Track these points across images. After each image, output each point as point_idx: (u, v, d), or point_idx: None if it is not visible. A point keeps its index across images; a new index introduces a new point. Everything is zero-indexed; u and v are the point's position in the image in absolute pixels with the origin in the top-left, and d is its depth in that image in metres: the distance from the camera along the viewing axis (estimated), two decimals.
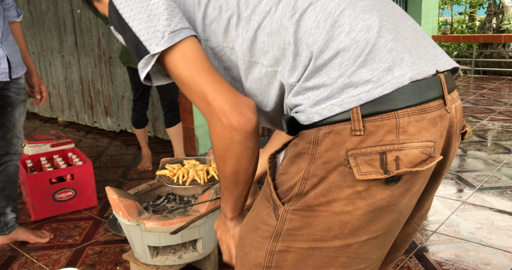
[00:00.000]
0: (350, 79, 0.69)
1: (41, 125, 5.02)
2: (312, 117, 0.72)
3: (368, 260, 0.79)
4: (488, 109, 4.88)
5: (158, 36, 0.74)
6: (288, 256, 0.78)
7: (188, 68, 0.75)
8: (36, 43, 5.18)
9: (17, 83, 2.05)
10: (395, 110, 0.68)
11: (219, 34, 0.82)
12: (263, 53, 0.78)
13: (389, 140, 0.69)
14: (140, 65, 0.77)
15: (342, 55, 0.70)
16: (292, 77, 0.75)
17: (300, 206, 0.75)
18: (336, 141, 0.70)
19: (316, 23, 0.72)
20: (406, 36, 0.74)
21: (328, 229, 0.74)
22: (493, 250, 2.06)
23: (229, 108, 0.74)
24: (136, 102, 3.18)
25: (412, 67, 0.70)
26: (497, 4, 8.09)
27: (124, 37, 0.79)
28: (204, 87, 0.75)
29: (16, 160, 2.18)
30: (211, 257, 1.90)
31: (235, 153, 0.77)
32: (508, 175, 2.99)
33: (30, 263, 2.09)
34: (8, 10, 2.08)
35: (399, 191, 0.72)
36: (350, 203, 0.72)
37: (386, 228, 0.76)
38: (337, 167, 0.71)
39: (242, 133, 0.75)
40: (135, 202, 1.69)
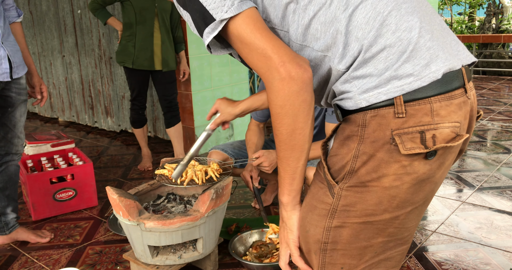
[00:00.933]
0: (396, 72, 0.81)
1: (42, 125, 5.02)
2: (360, 103, 0.83)
3: (410, 228, 0.91)
4: (487, 109, 4.89)
5: (226, 4, 0.82)
6: (344, 231, 0.87)
7: (250, 28, 0.82)
8: (37, 43, 5.19)
9: (18, 83, 2.05)
10: (429, 97, 0.81)
11: (276, 17, 0.90)
12: (315, 39, 0.87)
13: (426, 121, 0.81)
14: (207, 30, 0.84)
15: (388, 50, 0.82)
16: (341, 64, 0.85)
17: (354, 182, 0.84)
18: (382, 122, 0.81)
19: (366, 20, 0.83)
20: (438, 36, 0.86)
21: (378, 203, 0.84)
22: (493, 249, 2.06)
23: (288, 59, 0.80)
24: (133, 101, 3.18)
25: (445, 63, 0.83)
26: (497, 4, 8.09)
27: (190, 8, 0.86)
28: (265, 43, 0.81)
29: (16, 160, 2.18)
30: (211, 257, 1.91)
31: (292, 107, 0.82)
32: (507, 175, 2.99)
33: (31, 263, 2.09)
34: (8, 11, 2.08)
35: (436, 164, 0.84)
36: (398, 178, 0.82)
37: (425, 198, 0.88)
38: (383, 145, 0.81)
39: (300, 82, 0.80)
40: (135, 202, 1.70)
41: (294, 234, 0.97)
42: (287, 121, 0.84)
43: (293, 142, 0.86)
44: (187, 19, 0.90)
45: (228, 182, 1.85)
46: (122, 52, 3.06)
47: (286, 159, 0.89)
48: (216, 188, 1.76)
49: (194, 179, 1.77)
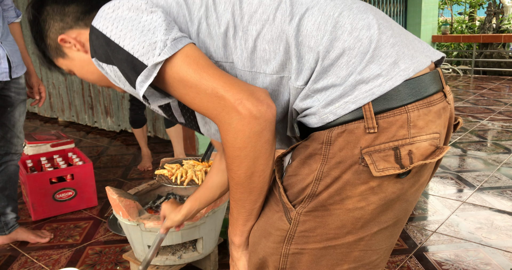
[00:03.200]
0: (361, 75, 0.72)
1: (41, 125, 5.02)
2: (326, 118, 0.73)
3: (379, 251, 0.81)
4: (488, 109, 4.88)
5: (157, 46, 0.72)
6: (303, 258, 0.79)
7: (193, 67, 0.72)
8: None
9: (17, 83, 2.05)
10: (405, 105, 0.71)
11: (217, 49, 0.81)
12: (265, 62, 0.78)
13: (401, 135, 0.71)
14: (140, 78, 0.73)
15: (348, 54, 0.73)
16: (298, 80, 0.76)
17: (313, 206, 0.76)
18: (350, 140, 0.72)
19: (316, 26, 0.74)
20: (399, 32, 0.78)
21: (341, 226, 0.76)
22: (493, 250, 2.06)
23: (245, 95, 0.70)
24: (132, 101, 3.18)
25: (412, 60, 0.74)
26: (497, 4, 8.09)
27: (115, 59, 0.76)
28: (213, 82, 0.71)
29: (16, 160, 2.18)
30: (211, 257, 1.91)
31: (253, 149, 0.72)
32: (508, 175, 2.99)
33: (30, 263, 2.09)
34: (7, 11, 2.08)
35: (408, 183, 0.75)
36: (363, 199, 0.74)
37: (395, 218, 0.79)
38: (351, 166, 0.72)
39: (263, 121, 0.70)
40: (135, 202, 1.70)
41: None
42: (247, 164, 0.74)
43: (252, 186, 0.77)
44: (113, 75, 0.79)
45: None
46: None
47: (242, 202, 0.80)
48: None
49: (194, 179, 1.77)
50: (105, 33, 0.76)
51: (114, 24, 0.75)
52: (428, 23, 6.94)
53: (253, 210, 0.82)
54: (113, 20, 0.76)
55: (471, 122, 4.39)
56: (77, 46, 0.89)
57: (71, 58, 0.92)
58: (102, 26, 0.76)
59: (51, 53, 0.95)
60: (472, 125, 4.28)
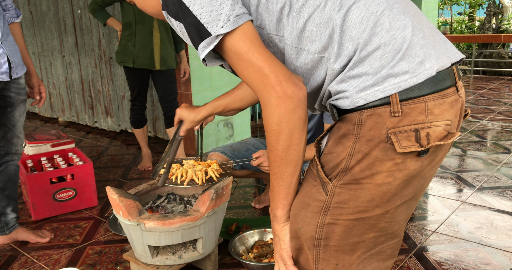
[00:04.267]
0: (393, 70, 0.83)
1: (42, 125, 5.02)
2: (357, 102, 0.84)
3: (400, 221, 0.93)
4: (487, 109, 4.89)
5: (222, 19, 0.82)
6: (336, 228, 0.89)
7: (247, 45, 0.83)
8: (37, 43, 5.19)
9: (17, 83, 2.05)
10: (423, 95, 0.83)
11: (271, 23, 0.90)
12: (310, 41, 0.88)
13: (421, 120, 0.83)
14: (203, 44, 0.84)
15: (383, 49, 0.83)
16: (336, 64, 0.86)
17: (347, 180, 0.86)
18: (378, 121, 0.83)
19: (360, 19, 0.84)
20: (428, 34, 0.88)
21: (371, 200, 0.86)
22: (493, 249, 2.06)
23: (284, 78, 0.82)
24: (133, 101, 3.18)
25: (437, 60, 0.85)
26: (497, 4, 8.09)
27: (184, 20, 0.85)
28: (262, 61, 0.82)
29: (16, 160, 2.18)
30: (211, 257, 1.91)
31: (288, 124, 0.83)
32: (507, 175, 2.99)
33: (31, 263, 2.09)
34: (7, 11, 2.08)
35: (427, 161, 0.86)
36: (390, 175, 0.84)
37: (414, 192, 0.90)
38: (379, 143, 0.83)
39: (296, 100, 0.82)
40: (135, 202, 1.70)
41: (286, 244, 0.98)
42: (283, 138, 0.85)
43: (289, 158, 0.88)
44: (178, 29, 0.89)
45: (228, 182, 1.85)
46: (122, 52, 3.06)
47: (281, 174, 0.90)
48: (216, 188, 1.75)
49: (194, 179, 1.77)
50: None
51: None
52: None
53: (292, 183, 0.92)
54: None
55: (471, 122, 4.39)
56: None
57: None
58: None
59: None
60: (472, 125, 4.28)
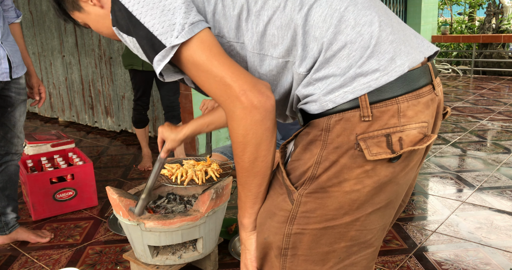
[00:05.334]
0: (361, 69, 0.78)
1: (42, 125, 5.02)
2: (326, 105, 0.80)
3: (373, 230, 0.87)
4: (487, 109, 4.89)
5: (176, 29, 0.77)
6: (304, 237, 0.85)
7: (206, 54, 0.78)
8: (37, 43, 5.19)
9: (17, 83, 2.05)
10: (396, 96, 0.78)
11: (230, 30, 0.86)
12: (273, 46, 0.84)
13: (392, 123, 0.78)
14: (158, 57, 0.79)
15: (349, 47, 0.79)
16: (301, 67, 0.82)
17: (314, 188, 0.82)
18: (347, 127, 0.78)
19: (323, 18, 0.80)
20: (398, 29, 0.84)
21: (339, 208, 0.82)
22: (493, 249, 2.06)
23: (248, 87, 0.77)
24: (137, 102, 3.19)
25: (408, 56, 0.80)
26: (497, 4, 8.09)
27: (135, 34, 0.81)
28: (223, 71, 0.78)
29: (16, 160, 2.18)
30: (211, 256, 1.91)
31: (255, 136, 0.79)
32: (507, 175, 2.99)
33: (31, 263, 2.09)
34: (7, 11, 2.08)
35: (399, 167, 0.82)
36: (359, 182, 0.80)
37: (387, 199, 0.85)
38: (347, 150, 0.79)
39: (263, 111, 0.78)
40: (135, 202, 1.70)
41: (251, 253, 0.95)
42: (250, 150, 0.81)
43: (256, 170, 0.84)
44: (132, 45, 0.84)
45: (228, 182, 1.85)
46: (129, 55, 3.05)
47: (248, 185, 0.87)
48: (216, 188, 1.76)
49: (194, 179, 1.77)
50: (127, 7, 0.80)
51: (136, 0, 0.80)
52: (428, 23, 6.94)
53: (259, 193, 0.89)
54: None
55: (471, 122, 4.39)
56: (93, 1, 0.93)
57: (87, 12, 0.96)
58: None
59: (67, 5, 0.97)
60: (472, 125, 4.28)
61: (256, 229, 0.92)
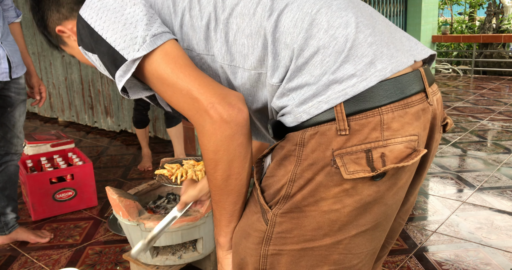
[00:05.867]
0: (335, 75, 0.70)
1: (41, 125, 5.02)
2: (300, 117, 0.73)
3: (360, 255, 0.80)
4: (488, 109, 4.88)
5: (137, 42, 0.73)
6: (281, 258, 0.79)
7: (171, 67, 0.73)
8: (37, 43, 5.18)
9: (17, 83, 2.05)
10: (379, 106, 0.70)
11: (199, 41, 0.81)
12: (243, 57, 0.78)
13: (374, 138, 0.70)
14: (119, 73, 0.74)
15: (322, 52, 0.71)
16: (274, 78, 0.75)
17: (288, 208, 0.75)
18: (322, 142, 0.71)
19: (293, 23, 0.73)
20: (382, 30, 0.76)
21: (318, 228, 0.75)
22: (493, 250, 2.06)
23: (217, 99, 0.71)
24: (137, 101, 3.18)
25: (391, 59, 0.72)
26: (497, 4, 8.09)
27: (98, 50, 0.77)
28: (189, 83, 0.72)
29: (16, 160, 2.18)
30: (211, 257, 1.91)
31: (227, 153, 0.73)
32: (508, 175, 2.99)
33: (30, 263, 2.09)
34: (7, 11, 2.08)
35: (385, 186, 0.73)
36: (338, 201, 0.72)
37: (374, 221, 0.77)
38: (323, 168, 0.71)
39: (234, 125, 0.71)
40: (135, 202, 1.70)
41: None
42: (222, 167, 0.75)
43: (229, 188, 0.78)
44: (98, 64, 0.81)
45: None
46: None
47: (222, 203, 0.81)
48: None
49: (194, 179, 1.76)
50: (90, 23, 0.77)
51: (99, 15, 0.76)
52: (428, 23, 6.94)
53: (234, 211, 0.83)
54: (98, 10, 0.76)
55: (471, 122, 4.39)
56: (73, 37, 0.91)
57: (71, 46, 0.95)
58: (88, 15, 0.77)
59: (53, 39, 0.98)
60: (472, 125, 4.28)
61: (232, 248, 0.87)
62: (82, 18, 0.78)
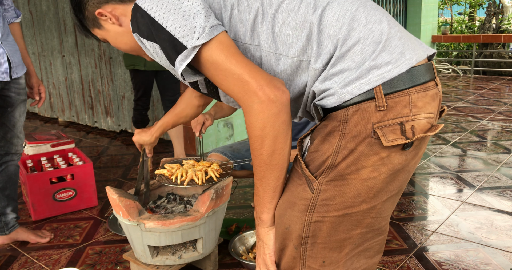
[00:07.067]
0: (375, 61, 0.84)
1: (42, 125, 5.02)
2: (344, 97, 0.85)
3: (387, 217, 0.95)
4: (487, 109, 4.88)
5: (197, 31, 0.83)
6: (323, 225, 0.89)
7: (225, 53, 0.83)
8: (37, 43, 5.18)
9: (17, 83, 2.05)
10: (407, 88, 0.85)
11: (246, 33, 0.91)
12: (287, 46, 0.89)
13: (405, 113, 0.84)
14: (180, 58, 0.84)
15: (362, 42, 0.85)
16: (317, 63, 0.87)
17: (333, 176, 0.87)
18: (364, 116, 0.84)
19: (336, 17, 0.87)
20: (401, 28, 0.92)
21: (357, 195, 0.87)
22: (493, 250, 2.06)
23: (265, 82, 0.82)
24: (137, 102, 3.19)
25: (415, 51, 0.87)
26: (497, 4, 8.09)
27: (158, 38, 0.86)
28: (241, 68, 0.83)
29: (16, 160, 2.18)
30: (211, 257, 1.91)
31: (272, 129, 0.83)
32: (507, 175, 2.99)
33: (31, 263, 2.09)
34: (7, 11, 2.08)
35: (411, 155, 0.88)
36: (375, 170, 0.85)
37: (399, 187, 0.91)
38: (365, 139, 0.84)
39: (279, 104, 0.82)
40: (135, 202, 1.70)
41: (270, 248, 0.98)
42: (268, 143, 0.85)
43: (274, 163, 0.87)
44: (152, 50, 0.90)
45: (228, 182, 1.85)
46: (130, 55, 3.04)
47: (266, 179, 0.90)
48: (216, 188, 1.75)
49: (194, 179, 1.76)
50: (150, 13, 0.86)
51: (158, 6, 0.86)
52: (428, 23, 6.94)
53: (277, 187, 0.92)
54: (157, 2, 0.86)
55: (471, 122, 4.39)
56: (112, 20, 1.01)
57: (107, 29, 1.04)
58: (147, 6, 0.86)
59: (88, 23, 1.06)
60: (472, 125, 4.28)
61: (275, 221, 0.95)
62: (141, 8, 0.87)
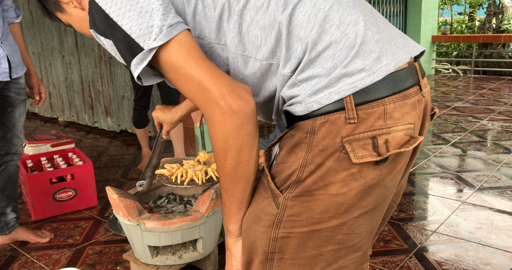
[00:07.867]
0: (346, 69, 0.76)
1: (42, 125, 5.02)
2: (311, 106, 0.78)
3: (361, 234, 0.86)
4: (488, 109, 4.88)
5: (154, 31, 0.75)
6: (290, 241, 0.84)
7: (184, 57, 0.76)
8: (37, 43, 5.18)
9: (17, 83, 2.05)
10: (382, 98, 0.77)
11: (211, 31, 0.84)
12: (256, 47, 0.82)
13: (378, 125, 0.76)
14: (135, 61, 0.77)
15: (334, 47, 0.77)
16: (286, 68, 0.80)
17: (299, 192, 0.80)
18: (332, 129, 0.77)
19: (307, 17, 0.78)
20: (384, 28, 0.82)
21: (325, 211, 0.80)
22: (493, 250, 2.06)
23: (227, 91, 0.75)
24: (137, 102, 3.19)
25: (394, 56, 0.79)
26: (497, 4, 8.09)
27: (113, 37, 0.79)
28: (201, 74, 0.76)
29: (16, 160, 2.18)
30: (211, 257, 1.91)
31: (236, 141, 0.77)
32: (507, 175, 2.99)
33: (31, 263, 2.09)
34: (7, 11, 2.08)
35: (386, 169, 0.80)
36: (345, 185, 0.78)
37: (375, 202, 0.83)
38: (333, 153, 0.77)
39: (242, 115, 0.76)
40: (135, 202, 1.70)
41: (237, 260, 0.93)
42: (231, 155, 0.79)
43: (238, 175, 0.82)
44: (110, 48, 0.83)
45: None
46: None
47: (232, 191, 0.85)
48: (216, 188, 1.75)
49: (194, 179, 1.76)
50: (105, 9, 0.78)
51: (113, 1, 0.77)
52: (428, 23, 6.94)
53: (243, 198, 0.87)
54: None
55: (471, 122, 4.39)
56: (74, 3, 0.91)
57: (69, 13, 0.95)
58: (102, 1, 0.78)
59: (50, 6, 0.97)
60: (472, 125, 4.28)
61: (242, 233, 0.90)
62: (95, 3, 0.79)
